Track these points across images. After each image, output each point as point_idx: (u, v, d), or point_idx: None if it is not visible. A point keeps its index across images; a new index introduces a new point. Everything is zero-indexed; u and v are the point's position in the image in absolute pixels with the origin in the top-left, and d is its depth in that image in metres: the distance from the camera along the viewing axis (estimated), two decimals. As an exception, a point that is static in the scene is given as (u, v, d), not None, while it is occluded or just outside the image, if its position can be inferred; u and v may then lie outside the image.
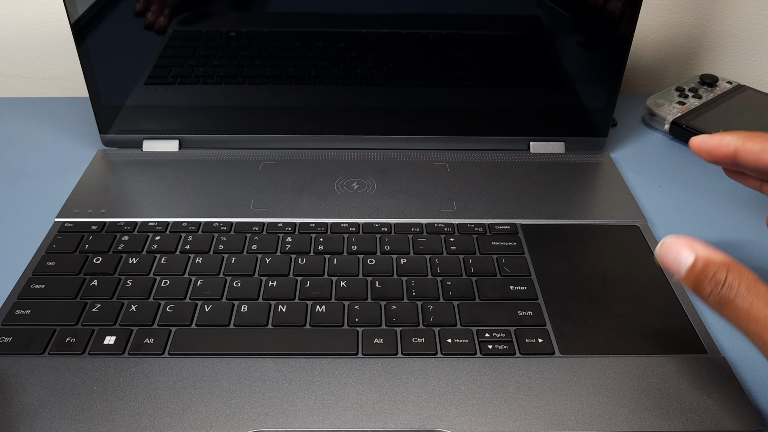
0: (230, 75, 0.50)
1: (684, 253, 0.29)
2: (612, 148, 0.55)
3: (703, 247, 0.29)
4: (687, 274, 0.29)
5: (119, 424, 0.31)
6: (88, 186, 0.48)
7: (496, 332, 0.36)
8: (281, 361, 0.35)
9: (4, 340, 0.35)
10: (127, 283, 0.39)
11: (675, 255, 0.29)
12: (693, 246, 0.29)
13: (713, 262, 0.28)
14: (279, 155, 0.52)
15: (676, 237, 0.30)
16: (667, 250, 0.30)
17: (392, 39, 0.49)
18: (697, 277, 0.28)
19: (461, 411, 0.32)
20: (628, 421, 0.32)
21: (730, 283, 0.27)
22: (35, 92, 0.67)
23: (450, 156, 0.52)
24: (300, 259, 0.41)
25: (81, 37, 0.48)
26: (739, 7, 0.63)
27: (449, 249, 0.42)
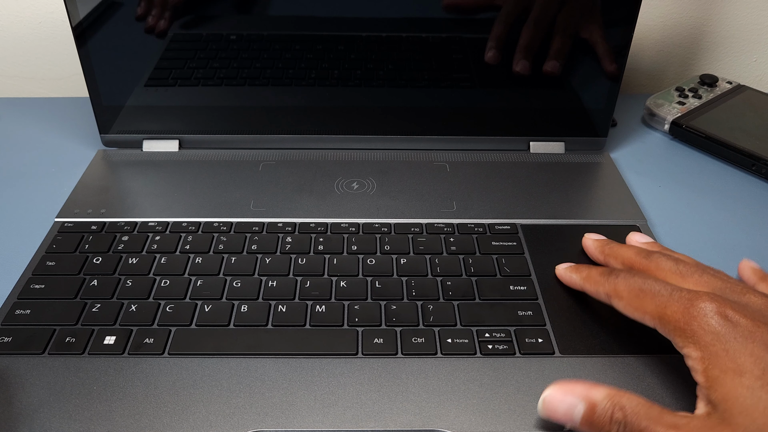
0: (231, 77, 0.50)
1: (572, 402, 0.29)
2: (612, 148, 0.55)
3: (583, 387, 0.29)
4: (582, 422, 0.28)
5: (119, 424, 0.31)
6: (88, 186, 0.48)
7: (496, 332, 0.36)
8: (281, 361, 0.35)
9: (4, 340, 0.35)
10: (127, 283, 0.39)
11: (563, 407, 0.29)
12: (574, 391, 0.29)
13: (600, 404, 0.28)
14: (279, 155, 0.52)
15: (552, 389, 0.30)
16: (551, 406, 0.29)
17: (392, 41, 0.49)
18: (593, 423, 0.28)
19: (461, 411, 0.32)
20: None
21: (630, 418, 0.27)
22: (35, 92, 0.67)
23: (450, 156, 0.52)
24: (300, 259, 0.41)
25: (81, 38, 0.48)
26: (739, 7, 0.63)
27: (449, 249, 0.42)
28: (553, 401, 0.29)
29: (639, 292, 0.31)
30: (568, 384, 0.29)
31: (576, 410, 0.29)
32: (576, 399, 0.29)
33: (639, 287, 0.31)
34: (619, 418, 0.27)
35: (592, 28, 0.47)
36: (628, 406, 0.27)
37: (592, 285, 0.35)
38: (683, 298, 0.29)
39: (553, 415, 0.29)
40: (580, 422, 0.29)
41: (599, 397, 0.28)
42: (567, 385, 0.29)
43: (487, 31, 0.48)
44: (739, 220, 0.47)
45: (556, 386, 0.30)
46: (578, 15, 0.46)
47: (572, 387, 0.29)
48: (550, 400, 0.29)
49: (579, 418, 0.28)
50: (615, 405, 0.28)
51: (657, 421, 0.27)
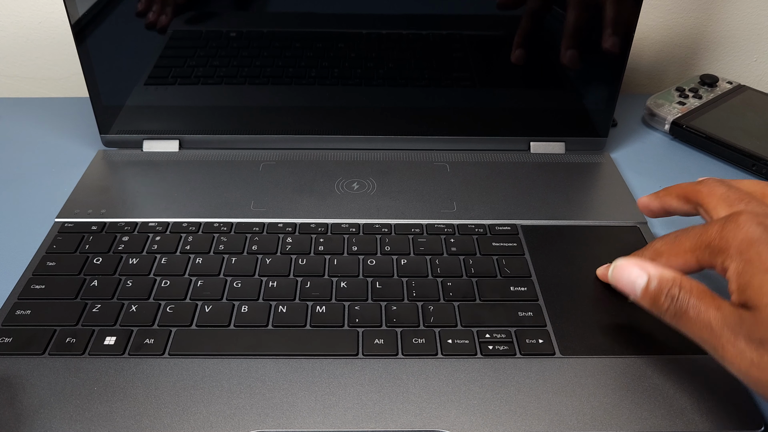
0: (230, 75, 0.50)
1: (636, 274, 0.31)
2: (612, 148, 0.55)
3: (653, 266, 0.31)
4: (642, 294, 0.31)
5: (119, 424, 0.31)
6: (88, 186, 0.48)
7: (497, 333, 0.36)
8: (281, 361, 0.35)
9: (4, 340, 0.35)
10: (127, 284, 0.39)
11: (628, 276, 0.31)
12: (644, 266, 0.31)
13: (666, 279, 0.30)
14: (279, 155, 0.52)
15: (626, 259, 0.32)
16: (620, 273, 0.32)
17: (392, 39, 0.49)
18: (653, 296, 0.30)
19: (462, 411, 0.32)
20: (628, 421, 0.32)
21: (683, 295, 0.29)
22: (35, 92, 0.67)
23: (450, 156, 0.52)
24: (300, 260, 0.41)
25: (81, 38, 0.48)
26: (739, 7, 0.63)
27: (449, 250, 0.42)
28: (624, 268, 0.31)
29: (675, 239, 0.32)
30: (642, 259, 0.31)
31: (639, 281, 0.30)
32: (643, 272, 0.30)
33: (674, 236, 0.32)
34: (674, 294, 0.29)
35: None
36: (686, 286, 0.29)
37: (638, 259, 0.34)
38: (718, 223, 0.30)
39: (618, 282, 0.32)
40: (640, 293, 0.31)
41: (665, 273, 0.30)
42: (639, 260, 0.31)
43: (487, 30, 0.48)
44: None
45: (631, 257, 0.32)
46: None
47: (644, 262, 0.31)
48: (621, 267, 0.31)
49: (640, 289, 0.30)
50: (675, 282, 0.29)
51: (706, 300, 0.28)
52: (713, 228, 0.30)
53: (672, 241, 0.32)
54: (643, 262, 0.31)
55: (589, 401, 0.33)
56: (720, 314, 0.28)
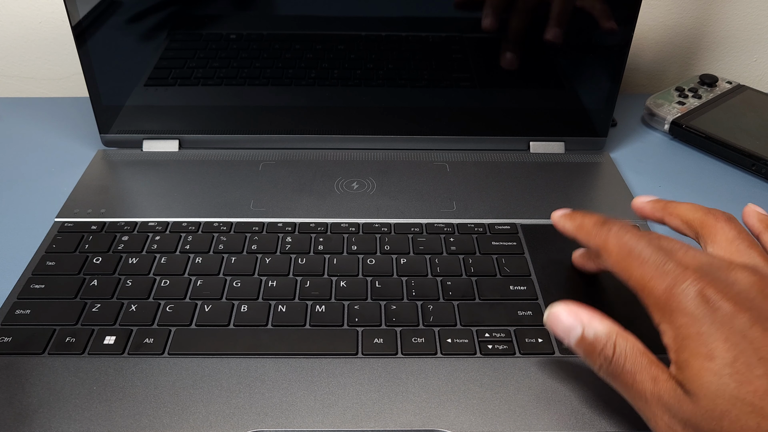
0: (230, 76, 0.50)
1: (570, 325, 0.30)
2: (612, 148, 0.55)
3: (588, 315, 0.29)
4: (576, 345, 0.30)
5: (119, 424, 0.31)
6: (88, 186, 0.48)
7: (496, 332, 0.36)
8: (281, 361, 0.35)
9: (4, 340, 0.35)
10: (127, 283, 0.39)
11: (562, 325, 0.30)
12: (578, 316, 0.30)
13: (600, 336, 0.29)
14: (279, 155, 0.52)
15: (562, 305, 0.30)
16: (554, 321, 0.30)
17: (392, 41, 0.49)
18: (585, 350, 0.29)
19: (461, 411, 0.32)
20: (628, 421, 0.32)
21: (617, 358, 0.28)
22: (35, 92, 0.67)
23: (450, 156, 0.52)
24: (300, 259, 0.41)
25: (81, 38, 0.48)
26: (739, 7, 0.63)
27: (449, 249, 0.42)
28: (558, 317, 0.30)
29: (628, 254, 0.30)
30: (576, 306, 0.30)
31: (573, 332, 0.29)
32: (577, 323, 0.29)
33: (630, 248, 0.30)
34: (607, 354, 0.28)
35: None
36: (620, 346, 0.28)
37: (584, 235, 0.33)
38: (668, 273, 0.28)
39: (553, 329, 0.30)
40: (574, 344, 0.30)
41: (599, 329, 0.29)
42: (575, 307, 0.30)
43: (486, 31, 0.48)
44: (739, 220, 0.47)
45: (565, 304, 0.30)
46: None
47: (579, 311, 0.30)
48: (555, 315, 0.30)
49: (574, 340, 0.29)
50: (609, 341, 0.28)
51: (641, 368, 0.27)
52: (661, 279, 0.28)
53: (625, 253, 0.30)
54: (578, 309, 0.30)
55: (589, 401, 0.33)
56: (656, 388, 0.27)
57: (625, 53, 0.49)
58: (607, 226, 0.32)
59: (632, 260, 0.30)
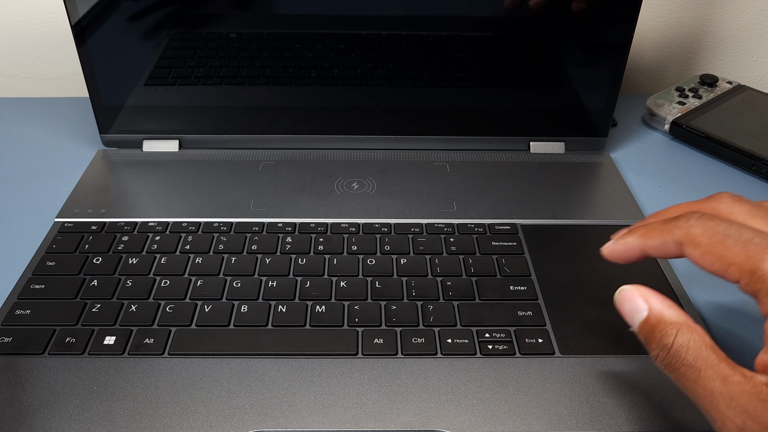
0: (230, 76, 0.50)
1: (639, 305, 0.28)
2: (612, 148, 0.55)
3: (659, 301, 0.27)
4: (639, 329, 0.28)
5: (119, 424, 0.31)
6: (88, 186, 0.48)
7: (496, 332, 0.36)
8: (281, 361, 0.35)
9: (4, 340, 0.35)
10: (127, 283, 0.39)
11: (630, 306, 0.28)
12: (649, 298, 0.28)
13: (663, 322, 0.27)
14: (279, 155, 0.52)
15: (633, 286, 0.28)
16: (623, 299, 0.29)
17: (392, 40, 0.49)
18: (646, 335, 0.27)
19: (461, 411, 0.32)
20: (628, 421, 0.32)
21: (677, 349, 0.26)
22: (35, 92, 0.67)
23: (450, 156, 0.52)
24: (300, 260, 0.41)
25: (81, 38, 0.48)
26: (739, 7, 0.63)
27: (449, 249, 0.42)
28: (628, 295, 0.28)
29: (723, 238, 0.26)
30: (649, 291, 0.28)
31: (639, 314, 0.28)
32: (645, 305, 0.27)
33: (723, 232, 0.26)
34: (666, 343, 0.26)
35: None
36: (683, 337, 0.26)
37: (658, 235, 0.29)
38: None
39: (621, 307, 0.29)
40: (637, 326, 0.28)
41: (666, 314, 0.27)
42: (648, 291, 0.28)
43: (486, 31, 0.48)
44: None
45: (639, 286, 0.28)
46: None
47: (651, 295, 0.28)
48: (626, 293, 0.28)
49: (638, 322, 0.28)
50: (671, 329, 0.26)
51: (707, 365, 0.25)
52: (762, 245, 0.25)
53: (717, 238, 0.26)
54: (650, 293, 0.28)
55: (589, 401, 0.33)
56: (726, 389, 0.24)
57: (625, 53, 0.49)
58: (684, 217, 0.28)
59: (731, 244, 0.26)
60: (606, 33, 0.48)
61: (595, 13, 0.47)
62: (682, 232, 0.28)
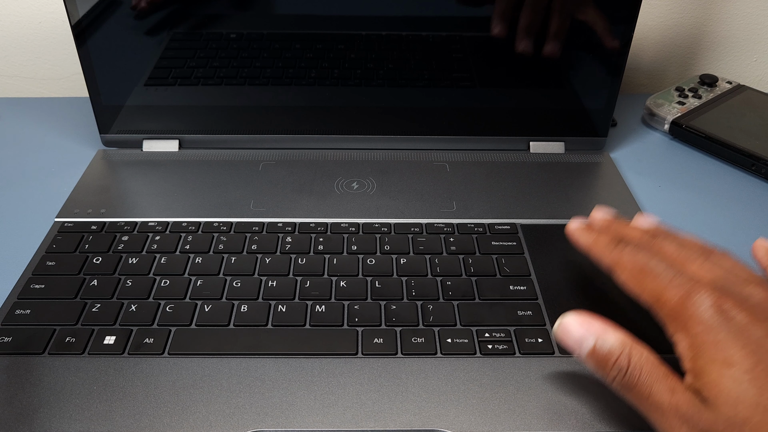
0: (230, 76, 0.50)
1: (582, 336, 0.29)
2: (612, 148, 0.55)
3: (601, 327, 0.29)
4: (588, 357, 0.29)
5: (119, 424, 0.31)
6: (88, 186, 0.48)
7: (496, 332, 0.36)
8: (281, 360, 0.35)
9: (4, 340, 0.35)
10: (127, 283, 0.39)
11: (573, 337, 0.29)
12: (590, 328, 0.29)
13: (614, 348, 0.28)
14: (279, 155, 0.52)
15: (573, 316, 0.30)
16: (564, 332, 0.30)
17: (392, 40, 0.49)
18: (598, 362, 0.28)
19: (461, 411, 0.32)
20: (628, 421, 0.32)
21: (632, 368, 0.27)
22: (35, 92, 0.67)
23: (450, 156, 0.52)
24: (300, 259, 0.41)
25: (81, 38, 0.48)
26: (739, 7, 0.63)
27: (449, 249, 0.42)
28: (569, 328, 0.30)
29: (642, 269, 0.30)
30: (588, 317, 0.29)
31: (585, 344, 0.29)
32: (589, 334, 0.29)
33: (643, 264, 0.30)
34: (622, 366, 0.28)
35: (591, 9, 0.46)
36: (635, 358, 0.28)
37: (598, 251, 0.33)
38: (682, 285, 0.28)
39: (564, 340, 0.30)
40: (585, 356, 0.29)
41: (611, 340, 0.28)
42: (587, 318, 0.29)
43: (487, 31, 0.48)
44: (739, 220, 0.47)
45: (577, 315, 0.30)
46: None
47: (591, 322, 0.29)
48: (566, 326, 0.30)
49: (586, 352, 0.29)
50: (623, 352, 0.28)
51: (657, 380, 0.27)
52: (674, 291, 0.28)
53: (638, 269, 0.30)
54: (590, 320, 0.29)
55: (588, 401, 0.33)
56: (673, 399, 0.26)
57: (625, 53, 0.49)
58: (621, 245, 0.32)
59: (645, 276, 0.30)
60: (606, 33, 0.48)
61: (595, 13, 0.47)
62: (615, 257, 0.32)
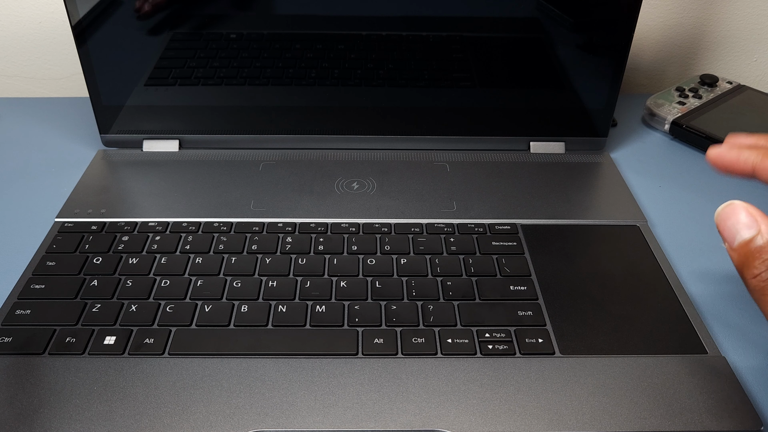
0: (230, 76, 0.50)
1: (746, 223, 0.27)
2: (612, 148, 0.55)
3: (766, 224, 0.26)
4: (739, 247, 0.27)
5: (119, 424, 0.31)
6: (88, 186, 0.48)
7: (496, 332, 0.36)
8: (281, 361, 0.35)
9: (4, 340, 0.35)
10: (127, 283, 0.39)
11: (735, 221, 0.27)
12: (759, 218, 0.27)
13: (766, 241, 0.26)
14: (279, 155, 0.52)
15: (743, 203, 0.27)
16: (728, 215, 0.27)
17: (392, 41, 0.49)
18: (749, 254, 0.26)
19: (461, 411, 0.32)
20: (628, 421, 0.32)
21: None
22: (35, 92, 0.67)
23: (450, 156, 0.52)
24: (300, 259, 0.41)
25: (81, 38, 0.48)
26: (739, 7, 0.63)
27: (449, 249, 0.42)
28: (736, 211, 0.27)
29: None
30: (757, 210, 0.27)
31: (744, 233, 0.27)
32: (754, 224, 0.27)
33: None
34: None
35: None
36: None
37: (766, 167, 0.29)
38: None
39: (724, 221, 0.28)
40: (737, 245, 0.27)
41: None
42: (755, 210, 0.27)
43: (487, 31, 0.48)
44: (739, 220, 0.47)
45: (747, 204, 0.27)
46: None
47: (758, 214, 0.27)
48: (734, 209, 0.27)
49: (740, 240, 0.27)
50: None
51: None
52: None
53: None
54: (758, 213, 0.27)
55: (589, 401, 0.33)
56: None
57: (625, 53, 0.49)
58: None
59: None
60: (606, 33, 0.48)
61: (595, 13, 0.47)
62: None
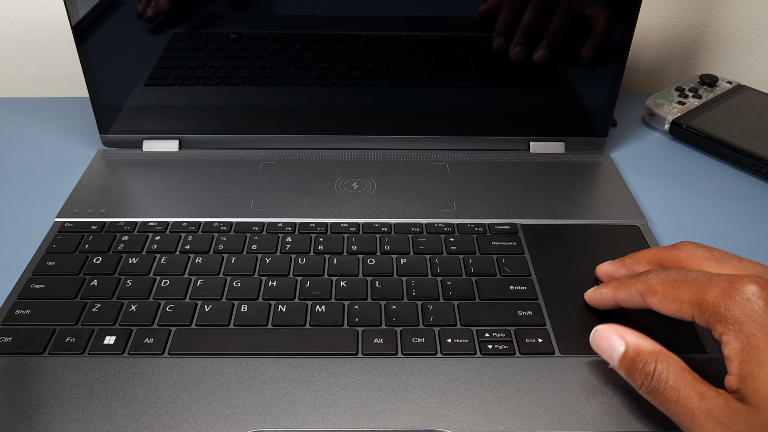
0: (230, 76, 0.50)
1: (615, 342, 0.30)
2: (612, 148, 0.55)
3: (633, 336, 0.30)
4: (619, 364, 0.30)
5: (119, 424, 0.31)
6: (88, 186, 0.48)
7: (496, 332, 0.36)
8: (281, 361, 0.35)
9: (4, 340, 0.35)
10: (127, 283, 0.39)
11: (607, 344, 0.31)
12: (623, 334, 0.30)
13: (642, 353, 0.29)
14: (279, 155, 0.52)
15: (607, 325, 0.31)
16: (599, 339, 0.31)
17: (392, 41, 0.49)
18: (628, 367, 0.29)
19: (461, 411, 0.32)
20: (627, 421, 0.32)
21: (659, 373, 0.28)
22: (35, 92, 0.67)
23: (450, 156, 0.52)
24: (300, 259, 0.41)
25: (81, 38, 0.48)
26: (739, 7, 0.63)
27: (449, 249, 0.42)
28: (603, 335, 0.31)
29: (674, 282, 0.30)
30: (621, 327, 0.31)
31: (617, 350, 0.30)
32: (621, 340, 0.30)
33: (674, 278, 0.30)
34: (649, 371, 0.28)
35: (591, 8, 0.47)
36: (663, 363, 0.28)
37: (625, 289, 0.33)
38: (723, 281, 0.28)
39: (597, 346, 0.31)
40: (617, 362, 0.30)
41: (642, 345, 0.29)
42: (618, 327, 0.31)
43: (487, 31, 0.48)
44: (739, 220, 0.47)
45: (611, 325, 0.31)
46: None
47: (623, 330, 0.30)
48: (600, 333, 0.31)
49: (617, 357, 0.30)
50: (650, 357, 0.29)
51: (686, 385, 0.27)
52: (715, 288, 0.28)
53: (670, 284, 0.30)
54: (623, 330, 0.30)
55: (589, 400, 0.33)
56: (704, 403, 0.26)
57: (625, 53, 0.49)
58: (645, 272, 0.32)
59: (681, 286, 0.29)
60: (606, 33, 0.48)
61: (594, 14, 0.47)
62: (643, 284, 0.32)
